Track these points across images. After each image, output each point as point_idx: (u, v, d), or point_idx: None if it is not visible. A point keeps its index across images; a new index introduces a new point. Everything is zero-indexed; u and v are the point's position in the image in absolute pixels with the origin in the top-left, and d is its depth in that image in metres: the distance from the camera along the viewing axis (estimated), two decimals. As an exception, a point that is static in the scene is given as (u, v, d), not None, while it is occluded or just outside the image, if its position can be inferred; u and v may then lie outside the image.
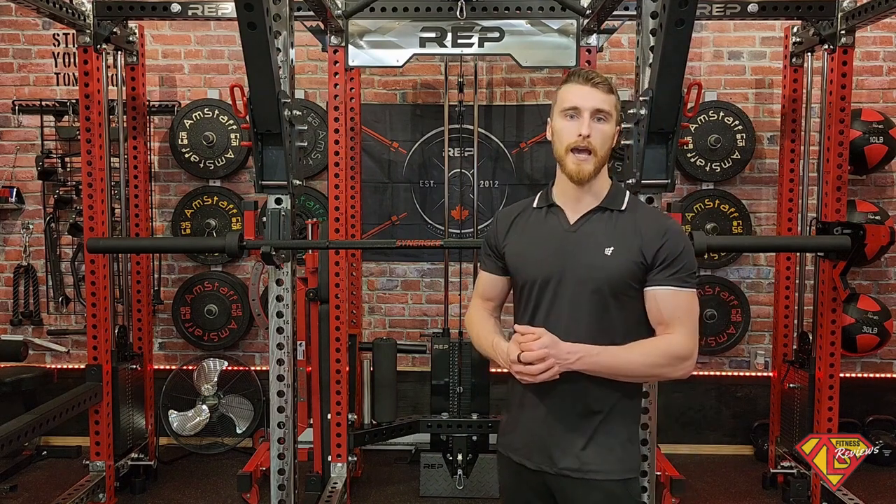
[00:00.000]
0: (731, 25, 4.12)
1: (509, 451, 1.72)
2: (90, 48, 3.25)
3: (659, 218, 1.68)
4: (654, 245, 1.59)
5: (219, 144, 4.10)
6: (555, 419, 1.63)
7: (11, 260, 4.26)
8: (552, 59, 3.32)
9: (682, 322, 1.59)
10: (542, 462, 1.64)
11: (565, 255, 1.63)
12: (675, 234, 1.62)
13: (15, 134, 4.21)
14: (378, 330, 4.29)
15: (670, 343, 1.58)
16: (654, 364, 1.57)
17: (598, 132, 1.60)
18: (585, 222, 1.65)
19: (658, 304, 1.60)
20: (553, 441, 1.63)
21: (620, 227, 1.63)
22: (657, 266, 1.59)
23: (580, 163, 1.60)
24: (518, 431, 1.70)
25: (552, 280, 1.63)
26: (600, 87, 1.61)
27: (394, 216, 4.21)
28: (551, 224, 1.69)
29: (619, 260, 1.59)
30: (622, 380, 1.60)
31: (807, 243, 3.29)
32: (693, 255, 1.64)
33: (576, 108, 1.60)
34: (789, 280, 3.68)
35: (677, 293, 1.59)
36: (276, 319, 2.63)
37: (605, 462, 1.60)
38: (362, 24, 3.24)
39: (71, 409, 3.09)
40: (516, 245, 1.72)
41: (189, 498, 3.58)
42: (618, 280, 1.59)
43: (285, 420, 2.64)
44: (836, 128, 3.25)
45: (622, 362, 1.56)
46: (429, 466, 3.60)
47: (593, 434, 1.61)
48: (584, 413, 1.62)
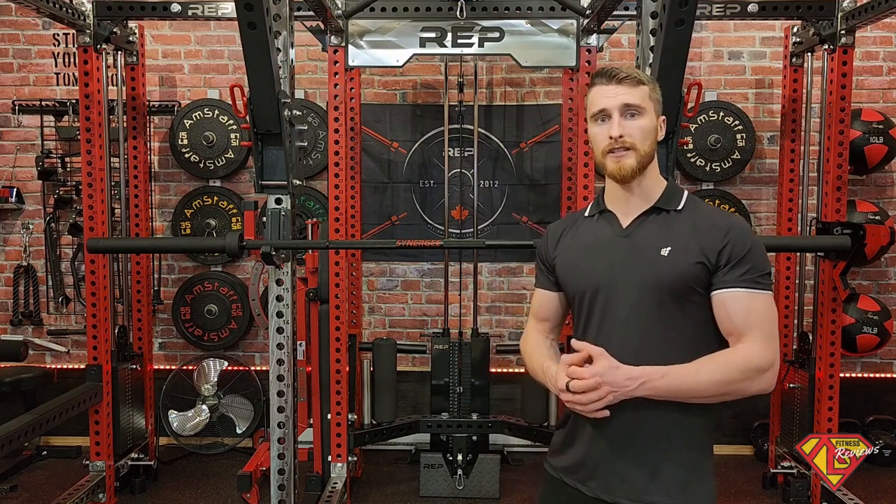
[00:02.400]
0: (731, 25, 4.12)
1: (562, 473, 1.56)
2: (90, 48, 3.25)
3: (721, 215, 1.53)
4: (717, 244, 1.43)
5: (219, 144, 4.10)
6: (617, 443, 1.46)
7: (11, 260, 4.26)
8: (552, 59, 3.32)
9: (758, 328, 1.41)
10: (599, 489, 1.48)
11: (618, 262, 1.49)
12: (741, 230, 1.45)
13: (15, 134, 4.21)
14: (378, 330, 4.29)
15: (745, 354, 1.40)
16: (729, 380, 1.39)
17: (632, 128, 1.47)
18: (639, 225, 1.51)
19: (728, 311, 1.43)
20: (614, 468, 1.47)
21: (678, 227, 1.48)
22: (723, 267, 1.42)
23: (619, 159, 1.48)
24: (574, 452, 1.54)
25: (603, 289, 1.49)
26: (626, 81, 1.48)
27: (394, 216, 4.21)
28: (603, 231, 1.56)
29: (676, 261, 1.44)
30: (693, 401, 1.42)
31: (807, 243, 3.29)
32: (764, 254, 1.46)
33: (603, 109, 1.49)
34: (789, 280, 3.68)
35: (749, 296, 1.42)
36: (276, 319, 2.62)
37: (671, 496, 1.43)
38: (362, 24, 3.24)
39: (71, 409, 3.09)
40: (566, 256, 1.59)
41: (189, 498, 3.58)
42: (677, 283, 1.44)
43: (285, 420, 2.64)
44: (836, 128, 3.25)
45: (691, 383, 1.39)
46: (429, 466, 3.60)
47: (660, 462, 1.44)
48: (649, 438, 1.45)
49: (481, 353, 3.68)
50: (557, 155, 4.00)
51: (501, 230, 4.18)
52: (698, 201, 1.56)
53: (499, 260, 4.24)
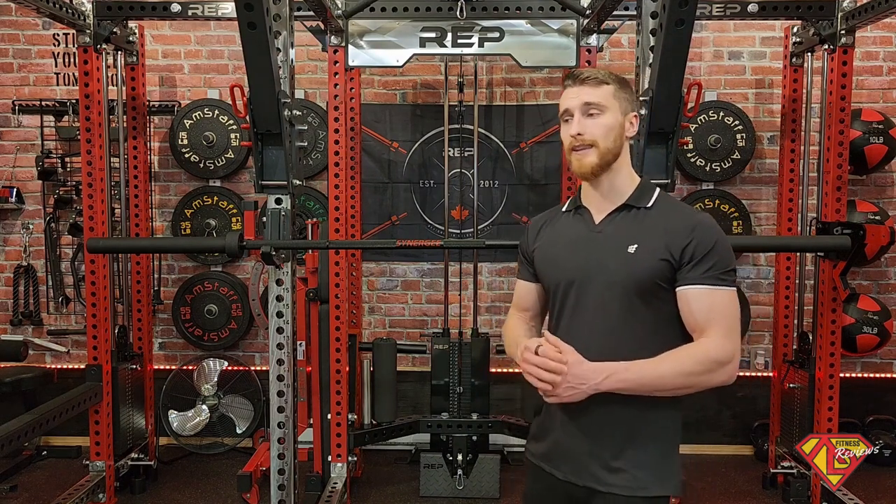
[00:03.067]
0: (731, 25, 4.12)
1: (539, 459, 1.65)
2: (90, 48, 3.25)
3: (689, 213, 1.57)
4: (682, 241, 1.48)
5: (219, 144, 4.10)
6: (585, 429, 1.54)
7: (11, 260, 4.26)
8: (552, 59, 3.32)
9: (719, 323, 1.46)
10: (571, 474, 1.57)
11: (589, 256, 1.56)
12: (706, 228, 1.50)
13: (15, 134, 4.21)
14: (378, 330, 4.29)
15: (706, 347, 1.45)
16: (690, 373, 1.44)
17: (591, 126, 1.54)
18: (610, 222, 1.58)
19: (690, 307, 1.48)
20: (582, 452, 1.55)
21: (647, 224, 1.54)
22: (687, 263, 1.48)
23: (580, 157, 1.55)
24: (548, 440, 1.63)
25: (576, 282, 1.56)
26: (588, 81, 1.55)
27: (394, 216, 4.21)
28: (577, 226, 1.63)
29: (642, 257, 1.50)
30: (657, 394, 1.48)
31: (807, 243, 3.29)
32: (730, 251, 1.51)
33: (567, 110, 1.57)
34: (789, 280, 3.68)
35: (711, 292, 1.47)
36: (276, 319, 2.63)
37: (635, 479, 1.51)
38: (362, 24, 3.24)
39: (71, 409, 3.09)
40: (543, 249, 1.67)
41: (189, 498, 3.58)
42: (642, 279, 1.49)
43: (285, 420, 2.64)
44: (836, 128, 3.25)
45: (654, 375, 1.44)
46: (429, 466, 3.60)
47: (624, 447, 1.52)
48: (614, 424, 1.52)
49: (481, 353, 3.68)
50: (557, 155, 4.00)
51: (501, 230, 4.18)
52: (670, 199, 1.62)
53: (499, 260, 4.24)
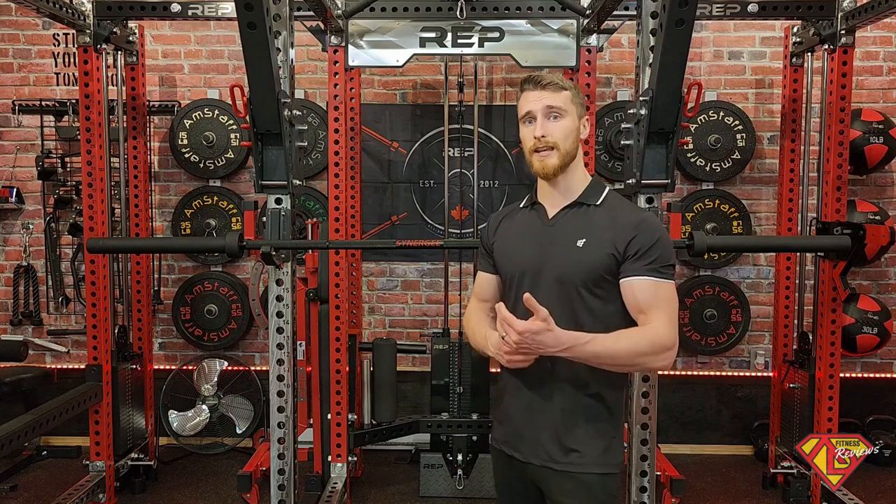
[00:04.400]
0: (731, 25, 4.12)
1: (500, 443, 1.77)
2: (90, 48, 3.25)
3: (634, 211, 1.70)
4: (627, 236, 1.60)
5: (219, 144, 4.10)
6: (538, 411, 1.67)
7: (11, 260, 4.26)
8: (552, 59, 3.32)
9: (662, 310, 1.59)
10: (529, 454, 1.68)
11: (542, 250, 1.68)
12: (650, 225, 1.63)
13: (15, 134, 4.21)
14: (378, 330, 4.29)
15: (655, 331, 1.57)
16: (639, 352, 1.56)
17: (554, 128, 1.65)
18: (562, 217, 1.70)
19: (635, 293, 1.60)
20: (537, 432, 1.67)
21: (595, 220, 1.66)
22: (631, 257, 1.60)
23: (543, 159, 1.66)
24: (506, 423, 1.75)
25: (528, 273, 1.68)
26: (549, 87, 1.65)
27: (394, 216, 4.21)
28: (532, 221, 1.75)
29: (590, 251, 1.62)
30: (607, 368, 1.59)
31: (807, 243, 3.29)
32: (670, 249, 1.63)
33: (529, 112, 1.67)
34: (789, 280, 3.68)
35: (654, 283, 1.59)
36: (276, 319, 2.63)
37: (585, 455, 1.63)
38: (362, 24, 3.24)
39: (71, 409, 3.09)
40: (501, 241, 1.79)
41: (189, 498, 3.58)
42: (589, 272, 1.61)
43: (285, 420, 2.64)
44: (836, 128, 3.25)
45: (611, 349, 1.55)
46: (429, 466, 3.60)
47: (575, 426, 1.64)
48: (567, 405, 1.65)
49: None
50: (557, 155, 3.99)
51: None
52: (618, 197, 1.73)
53: (499, 260, 4.23)
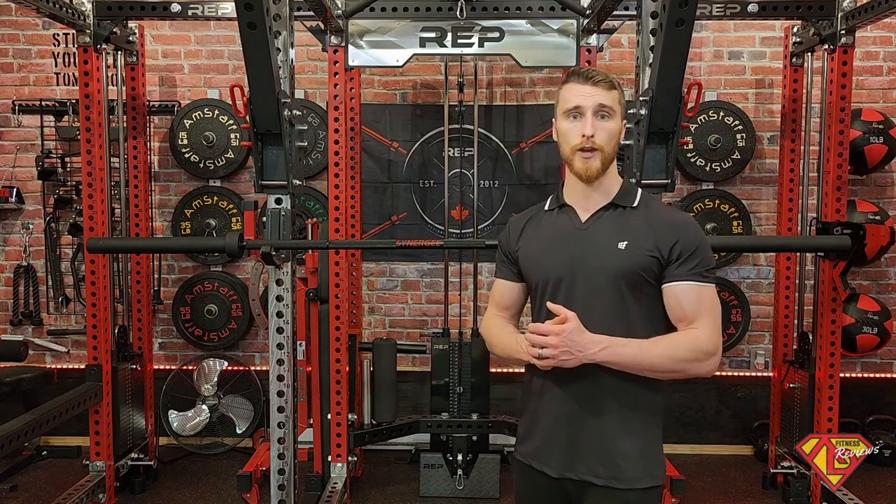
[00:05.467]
0: (731, 25, 4.11)
1: (528, 458, 1.65)
2: (90, 48, 3.25)
3: (673, 213, 1.64)
4: (670, 239, 1.54)
5: (219, 144, 4.10)
6: (575, 423, 1.57)
7: (11, 260, 4.26)
8: (552, 59, 3.32)
9: (706, 316, 1.54)
10: (564, 469, 1.58)
11: (577, 254, 1.59)
12: (691, 228, 1.58)
13: (15, 134, 4.21)
14: (378, 330, 4.29)
15: (697, 337, 1.52)
16: (681, 358, 1.51)
17: (602, 130, 1.57)
18: (597, 220, 1.61)
19: (679, 300, 1.55)
20: (574, 446, 1.57)
21: (633, 223, 1.59)
22: (674, 261, 1.54)
23: (587, 160, 1.57)
24: (537, 437, 1.63)
25: (564, 279, 1.58)
26: (601, 84, 1.57)
27: (394, 216, 4.21)
28: (562, 224, 1.65)
29: (632, 253, 1.55)
30: (646, 374, 1.53)
31: (807, 243, 3.29)
32: (710, 250, 1.59)
33: (578, 107, 1.57)
34: (789, 280, 3.68)
35: (699, 288, 1.54)
36: (276, 319, 2.62)
37: (629, 469, 1.54)
38: (362, 24, 3.24)
39: (71, 409, 3.09)
40: (528, 248, 1.68)
41: (189, 498, 3.58)
42: (632, 274, 1.54)
43: (285, 420, 2.64)
44: (836, 128, 3.25)
45: (648, 355, 1.50)
46: (429, 466, 3.60)
47: (616, 438, 1.55)
48: (605, 416, 1.55)
49: (481, 352, 3.68)
50: (557, 155, 3.95)
51: (501, 230, 4.15)
52: (652, 199, 1.67)
53: (499, 260, 4.23)
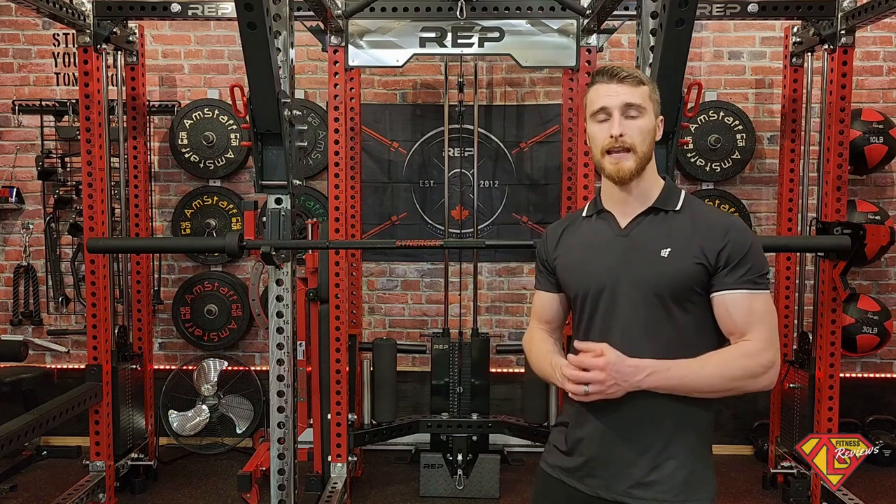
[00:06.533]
0: (731, 25, 4.11)
1: (562, 473, 1.55)
2: (90, 48, 3.24)
3: (719, 215, 1.53)
4: (717, 244, 1.43)
5: (219, 144, 4.10)
6: (616, 439, 1.47)
7: (11, 260, 4.25)
8: (552, 59, 3.32)
9: (759, 327, 1.43)
10: (599, 487, 1.48)
11: (618, 262, 1.49)
12: (740, 230, 1.46)
13: (15, 134, 4.21)
14: (378, 330, 4.29)
15: (749, 351, 1.41)
16: (733, 377, 1.40)
17: (632, 128, 1.47)
18: (637, 225, 1.51)
19: (729, 311, 1.44)
20: (613, 464, 1.47)
21: (677, 227, 1.48)
22: (723, 268, 1.43)
23: (618, 161, 1.48)
24: (578, 454, 1.53)
25: (606, 289, 1.49)
26: (627, 80, 1.48)
27: (394, 216, 4.21)
28: (601, 231, 1.55)
29: (677, 261, 1.44)
30: (697, 395, 1.43)
31: (807, 243, 3.29)
32: (762, 253, 1.47)
33: (604, 108, 1.48)
34: (789, 280, 3.68)
35: (751, 296, 1.43)
36: (276, 319, 2.62)
37: (672, 490, 1.44)
38: (362, 24, 3.25)
39: (71, 409, 3.09)
40: (566, 257, 1.59)
41: (189, 498, 3.58)
42: (677, 283, 1.44)
43: (285, 420, 2.64)
44: (836, 128, 3.25)
45: (697, 377, 1.40)
46: (429, 466, 3.60)
47: (660, 457, 1.45)
48: (649, 432, 1.45)
49: (481, 353, 3.68)
50: (557, 155, 4.00)
51: (501, 230, 4.18)
52: (696, 201, 1.56)
53: (499, 260, 4.24)
